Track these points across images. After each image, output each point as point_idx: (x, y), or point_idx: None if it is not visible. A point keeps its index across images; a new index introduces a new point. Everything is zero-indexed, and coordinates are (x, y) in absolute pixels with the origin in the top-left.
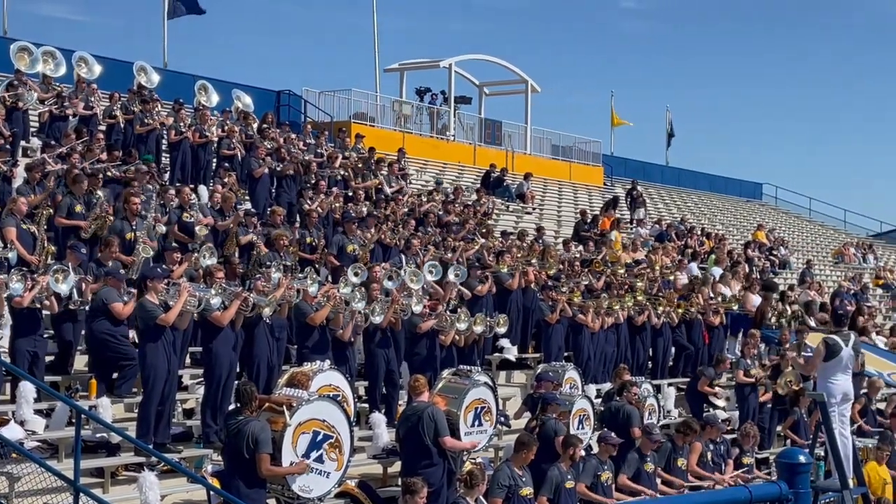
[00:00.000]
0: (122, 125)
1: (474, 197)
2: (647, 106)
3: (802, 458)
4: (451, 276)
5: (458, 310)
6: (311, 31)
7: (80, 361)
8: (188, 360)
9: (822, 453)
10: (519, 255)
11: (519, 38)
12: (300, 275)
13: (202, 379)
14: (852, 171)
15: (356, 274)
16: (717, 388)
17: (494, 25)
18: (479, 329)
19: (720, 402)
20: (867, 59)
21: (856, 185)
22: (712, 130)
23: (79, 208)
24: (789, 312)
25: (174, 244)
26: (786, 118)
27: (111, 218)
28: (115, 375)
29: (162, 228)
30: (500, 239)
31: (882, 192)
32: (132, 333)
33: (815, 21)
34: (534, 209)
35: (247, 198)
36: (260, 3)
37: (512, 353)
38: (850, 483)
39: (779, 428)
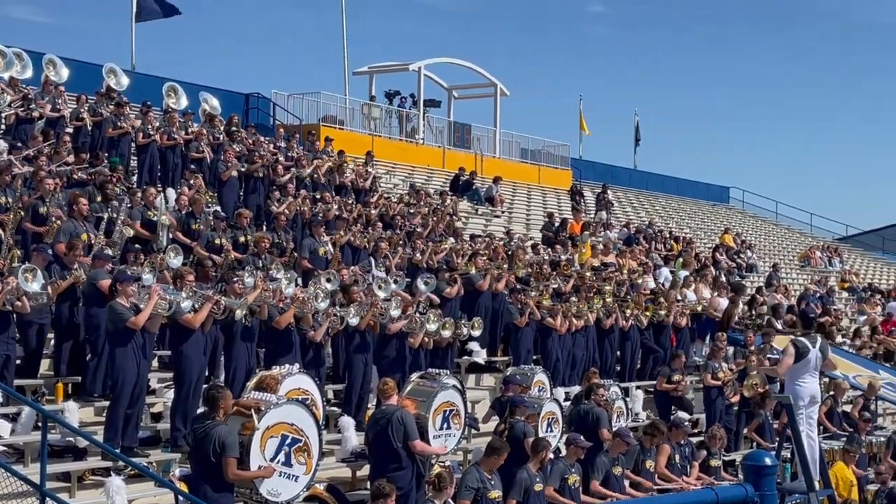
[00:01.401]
0: (89, 128)
1: (438, 200)
2: (616, 110)
3: (768, 461)
4: (420, 285)
5: (428, 311)
6: (281, 34)
7: (44, 365)
8: (156, 364)
9: (789, 455)
10: (486, 258)
11: (488, 43)
12: (273, 272)
13: (170, 382)
14: (819, 175)
15: (329, 280)
16: (679, 384)
17: (464, 29)
18: (446, 334)
19: (688, 395)
20: (835, 65)
21: (822, 189)
22: (680, 134)
23: (43, 210)
24: (756, 315)
25: (136, 245)
26: (753, 122)
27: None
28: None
29: (129, 232)
30: (469, 242)
31: (848, 196)
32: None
33: (783, 25)
34: (503, 212)
35: (215, 201)
36: (229, 5)
37: (481, 356)
38: (817, 485)
39: (744, 430)
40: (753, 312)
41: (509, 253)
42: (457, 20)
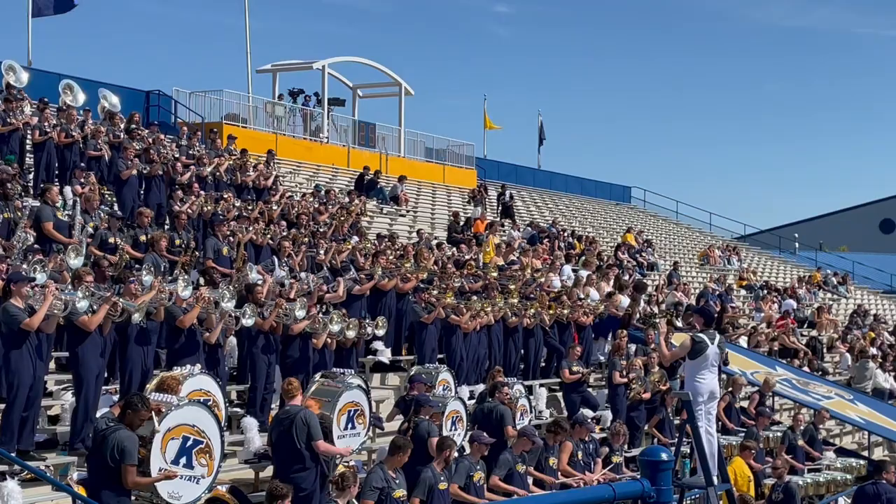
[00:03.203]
0: None
1: (347, 199)
2: (520, 109)
3: (664, 456)
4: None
5: (332, 312)
6: (182, 31)
7: None
8: (53, 365)
9: (689, 451)
10: (391, 258)
11: (393, 42)
12: (170, 277)
13: (68, 384)
14: (718, 175)
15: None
16: (583, 372)
17: (368, 28)
18: (351, 334)
19: (585, 371)
20: (736, 67)
21: (721, 189)
22: (583, 134)
23: None
24: (656, 313)
25: (36, 246)
26: (654, 122)
27: None
28: None
29: (30, 238)
30: (373, 241)
31: (746, 195)
32: None
33: (681, 27)
34: (408, 211)
35: (114, 199)
36: (129, 1)
37: (385, 355)
38: (715, 480)
39: (645, 426)
40: (654, 310)
41: (414, 253)
42: (361, 19)
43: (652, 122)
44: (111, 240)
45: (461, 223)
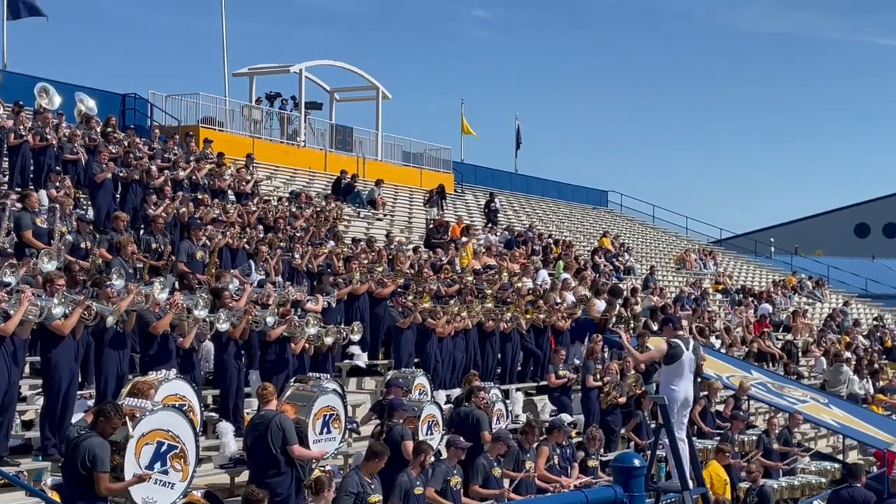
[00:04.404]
0: None
1: (324, 203)
2: (497, 113)
3: (637, 462)
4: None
5: (308, 315)
6: (159, 34)
7: None
8: (27, 370)
9: (664, 455)
10: (367, 262)
11: (370, 45)
12: (143, 282)
13: (42, 389)
14: (694, 179)
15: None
16: (568, 377)
17: (346, 32)
18: (329, 340)
19: (571, 376)
20: (710, 70)
21: (697, 193)
22: (560, 139)
23: None
24: (632, 317)
25: (9, 250)
26: (631, 127)
27: None
28: None
29: (14, 240)
30: (350, 245)
31: (722, 200)
32: None
33: (660, 30)
34: (385, 215)
35: (89, 203)
36: (105, 4)
37: (362, 359)
38: (690, 484)
39: (622, 430)
40: (630, 314)
41: (390, 257)
42: (339, 22)
43: (629, 127)
44: (82, 244)
45: (441, 228)
